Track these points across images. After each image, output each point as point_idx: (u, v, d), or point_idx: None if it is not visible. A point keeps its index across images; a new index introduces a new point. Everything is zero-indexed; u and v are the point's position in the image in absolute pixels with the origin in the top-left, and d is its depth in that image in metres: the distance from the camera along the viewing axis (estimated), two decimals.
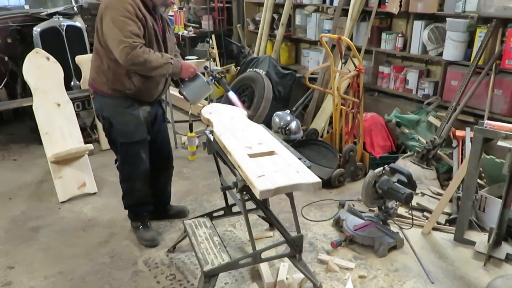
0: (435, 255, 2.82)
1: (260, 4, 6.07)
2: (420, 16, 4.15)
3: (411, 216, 3.09)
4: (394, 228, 3.01)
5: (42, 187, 3.76)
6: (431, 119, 3.94)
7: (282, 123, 3.98)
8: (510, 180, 2.57)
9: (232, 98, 2.93)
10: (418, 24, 4.11)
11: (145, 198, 2.95)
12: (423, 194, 3.44)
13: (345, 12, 4.65)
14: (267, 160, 2.14)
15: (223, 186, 2.33)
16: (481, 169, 3.29)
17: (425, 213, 3.25)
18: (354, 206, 3.32)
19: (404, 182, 2.84)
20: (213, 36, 5.83)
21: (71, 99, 4.02)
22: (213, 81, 2.84)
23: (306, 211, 3.35)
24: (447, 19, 3.83)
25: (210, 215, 2.81)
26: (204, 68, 2.83)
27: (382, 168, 2.89)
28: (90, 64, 2.71)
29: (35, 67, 3.95)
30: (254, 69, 5.03)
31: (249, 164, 2.06)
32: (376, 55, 4.60)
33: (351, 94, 3.75)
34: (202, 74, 2.83)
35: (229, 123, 2.52)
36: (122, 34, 2.38)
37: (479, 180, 3.27)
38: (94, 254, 2.84)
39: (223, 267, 2.28)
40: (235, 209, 2.87)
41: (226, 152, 2.25)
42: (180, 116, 5.25)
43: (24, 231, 3.12)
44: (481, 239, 2.85)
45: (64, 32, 4.50)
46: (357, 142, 3.86)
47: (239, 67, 5.52)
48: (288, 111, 4.13)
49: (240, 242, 2.97)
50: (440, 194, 3.35)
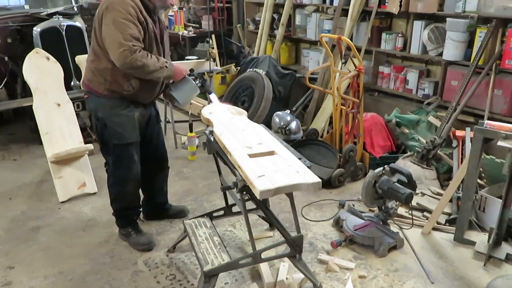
0: (435, 255, 2.82)
1: (260, 4, 6.07)
2: (420, 16, 4.15)
3: (411, 216, 3.09)
4: (394, 228, 3.01)
5: (42, 187, 3.76)
6: (431, 119, 3.94)
7: (282, 123, 3.98)
8: (510, 180, 2.57)
9: (213, 100, 2.95)
10: (418, 24, 4.11)
11: (135, 201, 2.94)
12: (423, 194, 3.44)
13: (345, 12, 4.65)
14: (267, 160, 2.14)
15: (223, 186, 2.33)
16: (481, 169, 3.29)
17: (425, 213, 3.25)
18: (354, 206, 3.32)
19: (404, 182, 2.84)
20: (213, 36, 5.83)
21: (71, 99, 4.02)
22: (200, 83, 2.87)
23: (306, 211, 3.35)
24: (447, 19, 3.83)
25: (210, 215, 2.81)
26: (190, 71, 2.85)
27: (382, 168, 2.89)
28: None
29: (35, 67, 3.95)
30: (254, 69, 5.03)
31: (249, 164, 2.06)
32: (376, 55, 4.60)
33: (351, 94, 3.75)
34: (202, 76, 2.89)
35: (229, 123, 2.52)
36: (123, 36, 2.35)
37: (479, 180, 3.27)
38: (94, 254, 2.84)
39: (223, 267, 2.28)
40: (235, 209, 2.87)
41: (226, 152, 2.25)
42: (180, 116, 5.25)
43: (24, 231, 3.12)
44: (481, 239, 2.85)
45: (64, 32, 4.50)
46: (357, 142, 3.86)
47: (239, 67, 5.53)
48: (288, 111, 4.14)
49: (240, 242, 2.97)
50: (440, 194, 3.35)
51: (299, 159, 2.18)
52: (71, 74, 4.54)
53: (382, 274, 2.63)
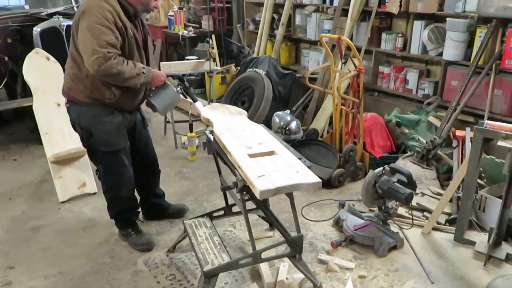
0: (435, 255, 2.82)
1: (260, 4, 6.07)
2: (420, 16, 4.15)
3: (411, 216, 3.09)
4: (394, 228, 3.01)
5: (42, 187, 3.76)
6: (431, 119, 3.94)
7: (282, 123, 3.98)
8: (510, 180, 2.57)
9: (199, 109, 2.87)
10: (418, 24, 4.11)
11: (132, 204, 2.91)
12: (423, 194, 3.44)
13: (345, 12, 4.65)
14: (267, 160, 2.14)
15: (223, 186, 2.33)
16: (481, 169, 3.29)
17: (425, 213, 3.25)
18: (354, 206, 3.32)
19: (404, 182, 2.84)
20: (213, 36, 5.81)
21: None
22: (181, 90, 2.80)
23: (306, 211, 3.35)
24: (447, 19, 3.83)
25: (210, 215, 2.81)
26: (182, 76, 2.80)
27: (382, 168, 2.89)
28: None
29: (35, 67, 3.96)
30: (254, 69, 5.03)
31: (249, 164, 2.06)
32: (376, 55, 4.60)
33: (351, 94, 3.75)
34: (181, 81, 2.83)
35: (229, 123, 2.52)
36: (97, 43, 2.24)
37: (479, 180, 3.27)
38: (94, 254, 2.84)
39: (223, 267, 2.28)
40: (235, 209, 2.87)
41: (226, 152, 2.25)
42: (180, 116, 5.25)
43: (24, 231, 3.12)
44: (481, 239, 2.85)
45: (64, 32, 4.50)
46: (357, 142, 3.86)
47: (239, 67, 5.53)
48: (288, 111, 4.13)
49: (240, 242, 2.97)
50: (440, 194, 3.35)
51: (299, 159, 2.18)
52: None
53: (382, 274, 2.63)
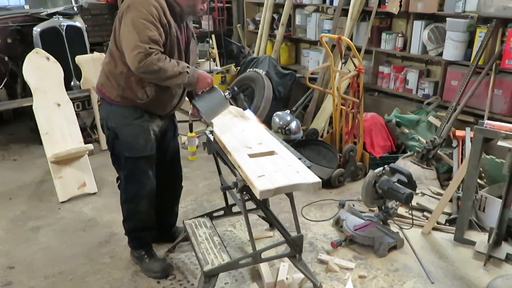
0: (435, 255, 2.82)
1: (260, 4, 6.08)
2: (420, 16, 4.15)
3: (411, 216, 3.09)
4: (394, 228, 3.01)
5: (42, 187, 3.76)
6: (431, 119, 3.94)
7: (282, 123, 3.98)
8: (510, 180, 2.57)
9: (250, 117, 2.69)
10: (418, 24, 4.11)
11: (149, 222, 2.67)
12: (423, 194, 3.44)
13: (345, 12, 4.65)
14: (267, 160, 2.14)
15: (223, 186, 2.33)
16: (481, 169, 3.29)
17: (425, 213, 3.25)
18: (354, 206, 3.32)
19: (404, 182, 2.84)
20: (213, 36, 5.83)
21: (71, 99, 4.02)
22: (229, 95, 2.50)
23: (306, 211, 3.35)
24: (447, 19, 3.83)
25: (210, 215, 2.81)
26: (229, 89, 2.52)
27: (382, 168, 2.89)
28: (89, 64, 2.56)
29: (35, 67, 3.95)
30: (254, 69, 5.03)
31: (249, 164, 2.06)
32: (376, 55, 4.60)
33: (351, 94, 3.75)
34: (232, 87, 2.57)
35: (229, 123, 2.52)
36: (140, 38, 2.11)
37: (479, 180, 3.27)
38: (94, 254, 2.84)
39: (223, 267, 2.28)
40: (235, 209, 2.87)
41: (226, 152, 2.25)
42: (180, 116, 5.22)
43: (24, 231, 3.12)
44: (481, 239, 2.85)
45: (64, 32, 4.50)
46: (357, 142, 3.86)
47: (239, 67, 5.53)
48: (288, 111, 4.14)
49: (240, 242, 2.97)
50: (440, 194, 3.34)
51: (299, 159, 2.18)
52: (71, 74, 4.53)
53: (382, 274, 2.63)
